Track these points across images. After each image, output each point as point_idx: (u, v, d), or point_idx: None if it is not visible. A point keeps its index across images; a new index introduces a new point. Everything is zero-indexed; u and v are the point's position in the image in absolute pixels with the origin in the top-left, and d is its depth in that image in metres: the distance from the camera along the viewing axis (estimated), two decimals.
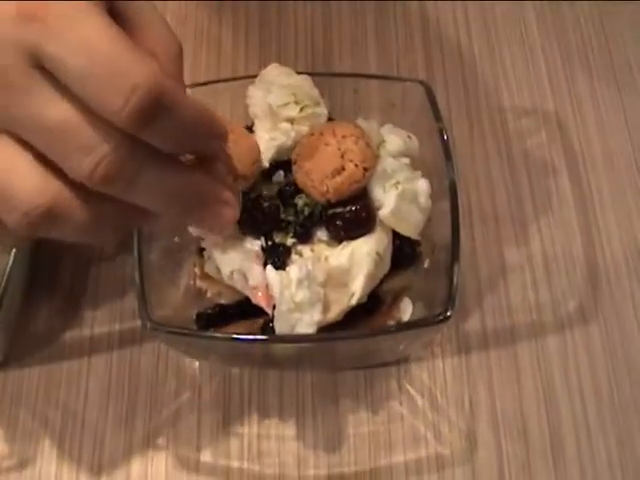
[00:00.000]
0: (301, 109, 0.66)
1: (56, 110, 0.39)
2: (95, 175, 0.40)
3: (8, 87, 0.39)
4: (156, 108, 0.39)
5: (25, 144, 0.41)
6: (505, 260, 0.80)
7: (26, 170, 0.41)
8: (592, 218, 0.82)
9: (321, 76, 0.75)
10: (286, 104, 0.66)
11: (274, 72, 0.69)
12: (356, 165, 0.62)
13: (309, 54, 0.93)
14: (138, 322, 0.66)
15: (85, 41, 0.38)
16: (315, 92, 0.68)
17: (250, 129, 0.68)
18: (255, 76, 0.70)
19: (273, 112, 0.66)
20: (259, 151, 0.64)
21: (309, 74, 0.76)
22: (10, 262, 0.66)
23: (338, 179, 0.62)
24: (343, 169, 0.62)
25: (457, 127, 0.86)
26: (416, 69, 0.91)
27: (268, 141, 0.66)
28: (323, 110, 0.68)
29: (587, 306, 0.78)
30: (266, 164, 0.66)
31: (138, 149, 0.41)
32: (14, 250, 0.66)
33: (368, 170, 0.63)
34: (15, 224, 0.41)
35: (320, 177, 0.62)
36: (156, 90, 0.39)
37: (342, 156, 0.62)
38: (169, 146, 0.43)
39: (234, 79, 0.74)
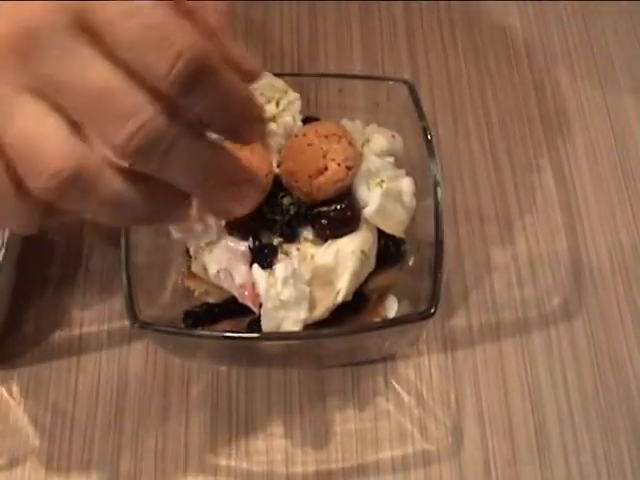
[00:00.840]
0: (277, 104, 0.67)
1: (99, 73, 0.39)
2: (132, 143, 0.39)
3: (52, 48, 0.38)
4: (201, 74, 0.39)
5: (60, 110, 0.39)
6: (490, 257, 0.81)
7: (57, 134, 0.40)
8: (576, 215, 0.83)
9: (306, 77, 0.76)
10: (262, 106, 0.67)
11: None
12: (338, 164, 0.63)
13: (295, 54, 0.94)
14: (127, 322, 0.67)
15: (134, 5, 0.38)
16: (278, 82, 0.69)
17: None
18: None
19: None
20: (271, 162, 0.65)
21: (294, 75, 0.78)
22: None
23: (321, 179, 0.63)
24: (326, 169, 0.63)
25: (442, 126, 0.87)
26: (401, 68, 0.92)
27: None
28: (294, 95, 0.69)
29: (571, 303, 0.78)
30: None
31: (177, 118, 0.40)
32: (3, 250, 0.67)
33: (351, 169, 0.64)
34: (41, 188, 0.40)
35: (304, 177, 0.63)
36: (202, 56, 0.38)
37: (324, 156, 0.64)
38: (210, 116, 0.42)
39: None
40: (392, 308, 0.70)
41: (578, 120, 0.89)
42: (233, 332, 0.65)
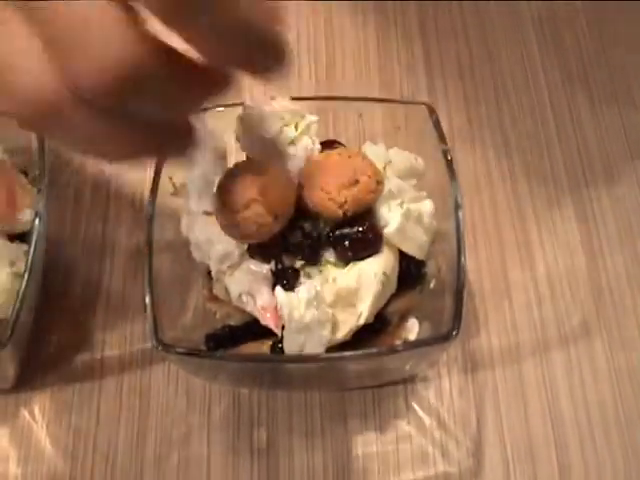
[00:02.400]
0: (295, 127, 0.67)
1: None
2: (117, 66, 0.33)
3: None
4: None
5: (39, 31, 0.34)
6: (509, 279, 0.81)
7: (32, 57, 0.34)
8: (594, 235, 0.83)
9: (325, 100, 0.77)
10: (281, 130, 0.67)
11: (251, 109, 0.68)
12: (369, 176, 0.64)
13: (312, 78, 0.95)
14: (148, 344, 0.67)
15: None
16: (295, 106, 0.69)
17: None
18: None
19: (273, 144, 0.67)
20: (294, 186, 0.65)
21: (312, 99, 0.78)
22: (23, 286, 0.67)
23: (355, 189, 0.63)
24: (357, 181, 0.63)
25: (460, 150, 0.87)
26: (419, 91, 0.93)
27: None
28: (311, 117, 0.69)
29: (591, 322, 0.79)
30: None
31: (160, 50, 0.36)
32: (27, 274, 0.67)
33: (380, 183, 0.64)
34: (16, 111, 0.36)
35: (337, 188, 0.63)
36: None
37: (354, 170, 0.64)
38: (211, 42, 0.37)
39: (236, 104, 0.74)
40: (413, 330, 0.69)
41: (596, 142, 0.89)
42: (255, 355, 0.66)
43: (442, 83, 0.93)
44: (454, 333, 0.61)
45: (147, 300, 0.63)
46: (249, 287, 0.66)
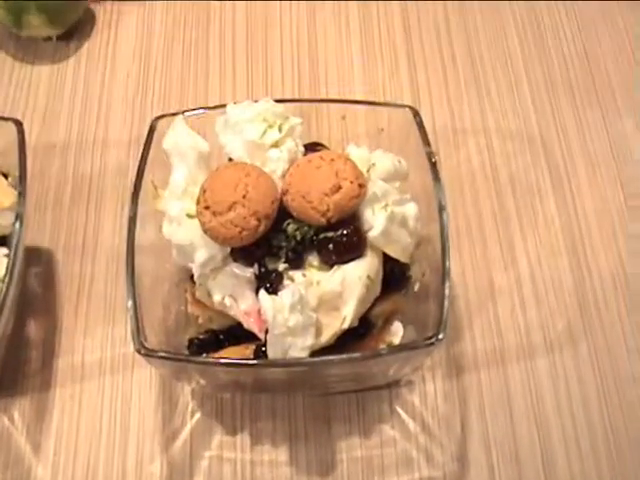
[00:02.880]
0: (279, 129, 0.67)
1: None
2: None
3: None
4: None
5: None
6: (494, 282, 0.80)
7: None
8: (578, 238, 0.83)
9: (309, 102, 0.76)
10: (264, 132, 0.67)
11: (234, 113, 0.69)
12: (351, 182, 0.63)
13: (295, 80, 0.94)
14: (129, 348, 0.66)
15: None
16: (278, 108, 0.69)
17: None
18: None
19: (257, 146, 0.67)
20: (277, 189, 0.64)
21: (296, 101, 0.77)
22: (3, 290, 0.66)
23: (337, 196, 0.63)
24: (340, 187, 0.63)
25: (443, 150, 0.87)
26: (402, 93, 0.93)
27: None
28: (295, 119, 0.69)
29: (575, 326, 0.78)
30: None
31: None
32: (7, 278, 0.66)
33: (362, 187, 0.64)
34: None
35: (319, 196, 0.62)
36: None
37: (336, 175, 0.63)
38: None
39: (219, 107, 0.74)
40: (397, 334, 0.69)
41: (579, 143, 0.89)
42: (238, 359, 0.65)
43: (426, 85, 0.93)
44: (439, 337, 0.61)
45: (129, 303, 0.63)
46: (232, 291, 0.65)
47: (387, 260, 0.67)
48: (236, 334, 0.68)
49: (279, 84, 0.94)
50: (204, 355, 0.69)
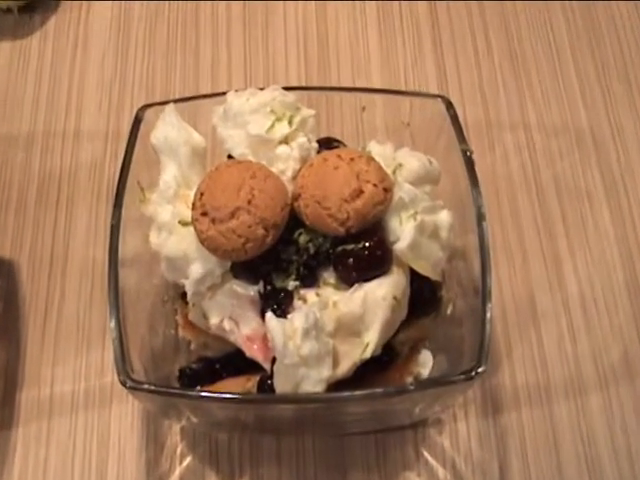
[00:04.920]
0: (289, 121, 0.66)
1: None
2: None
3: None
4: None
5: None
6: (537, 303, 0.80)
7: None
8: (636, 253, 0.82)
9: (323, 91, 0.75)
10: (272, 125, 0.66)
11: (235, 102, 0.68)
12: (375, 185, 0.62)
13: (302, 67, 0.94)
14: (106, 379, 0.67)
15: None
16: (288, 97, 0.68)
17: None
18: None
19: (263, 142, 0.66)
20: (287, 193, 0.63)
21: (308, 89, 0.77)
22: None
23: (359, 202, 0.62)
24: (362, 191, 0.62)
25: (476, 148, 0.85)
26: (426, 82, 0.92)
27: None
28: (307, 111, 0.68)
29: (634, 356, 0.77)
30: None
31: None
32: None
33: (388, 191, 0.63)
34: None
35: (337, 202, 0.62)
36: None
37: (357, 177, 0.62)
38: None
39: (216, 95, 0.73)
40: (426, 365, 0.69)
41: (637, 141, 0.88)
42: (239, 394, 0.64)
43: (455, 73, 0.92)
44: (478, 370, 0.60)
45: (112, 325, 0.62)
46: (232, 312, 0.65)
47: (415, 278, 0.66)
48: (236, 363, 0.67)
49: (282, 71, 0.94)
50: (197, 388, 0.68)
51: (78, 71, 0.94)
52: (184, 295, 0.67)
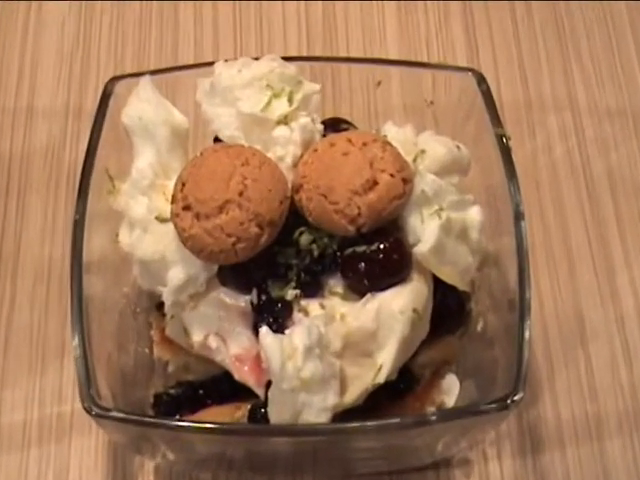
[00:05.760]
0: (289, 99, 0.67)
1: None
2: None
3: None
4: None
5: None
6: (585, 321, 0.80)
7: None
8: None
9: (329, 62, 0.76)
10: (268, 102, 0.67)
11: (225, 74, 0.68)
12: (392, 175, 0.62)
13: (303, 35, 0.94)
14: (66, 406, 0.68)
15: None
16: (289, 69, 0.68)
17: None
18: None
19: (258, 122, 0.66)
20: (286, 183, 0.64)
21: (312, 60, 0.77)
22: None
23: (372, 195, 0.62)
24: (376, 182, 0.62)
25: (513, 133, 0.85)
26: (453, 54, 0.92)
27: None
28: (311, 85, 0.69)
29: None
30: None
31: None
32: None
33: (407, 183, 0.63)
34: None
35: (346, 196, 0.62)
36: None
37: (371, 165, 0.63)
38: None
39: (201, 65, 0.74)
40: (451, 392, 0.69)
41: None
42: (226, 424, 0.64)
43: (488, 45, 0.93)
44: (514, 399, 0.60)
45: (75, 341, 0.62)
46: (219, 327, 0.65)
47: (439, 287, 0.67)
48: (223, 389, 0.68)
49: (279, 38, 0.95)
50: (176, 417, 0.68)
51: (32, 37, 0.94)
52: (161, 306, 0.68)
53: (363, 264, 0.63)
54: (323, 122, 0.70)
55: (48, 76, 0.92)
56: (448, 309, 0.68)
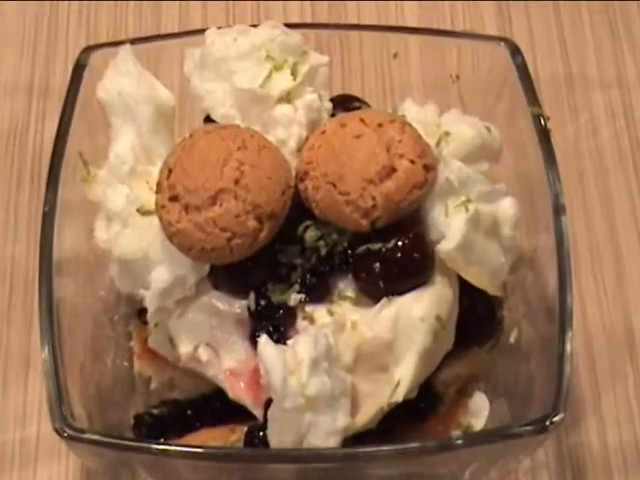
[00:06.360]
0: (292, 71, 0.67)
1: None
2: None
3: None
4: None
5: None
6: (635, 332, 0.81)
7: None
8: None
9: (339, 30, 0.76)
10: (268, 76, 0.67)
11: (218, 43, 0.69)
12: (411, 161, 0.63)
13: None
14: (30, 428, 0.71)
15: None
16: (293, 38, 0.69)
17: None
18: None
19: (257, 99, 0.67)
20: (289, 170, 0.64)
21: (318, 27, 0.77)
22: None
23: (389, 184, 0.62)
24: (393, 169, 0.62)
25: (552, 113, 0.85)
26: (482, 23, 0.93)
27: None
28: (318, 57, 0.69)
29: None
30: None
31: None
32: None
33: (430, 170, 0.64)
34: None
35: (359, 185, 0.62)
36: None
37: (387, 149, 0.63)
38: None
39: (189, 33, 0.74)
40: (480, 413, 0.69)
41: None
42: (218, 449, 0.65)
43: (523, 12, 0.93)
44: (554, 420, 0.60)
45: (45, 354, 0.62)
46: (211, 337, 0.66)
47: (466, 291, 0.67)
48: (214, 409, 0.69)
49: (278, 4, 0.95)
50: (160, 440, 0.68)
51: None
52: (142, 313, 0.68)
53: (378, 264, 0.64)
54: (332, 100, 0.70)
55: (8, 46, 0.93)
56: (476, 317, 0.69)
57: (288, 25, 0.70)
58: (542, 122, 0.69)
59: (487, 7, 0.92)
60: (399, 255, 0.63)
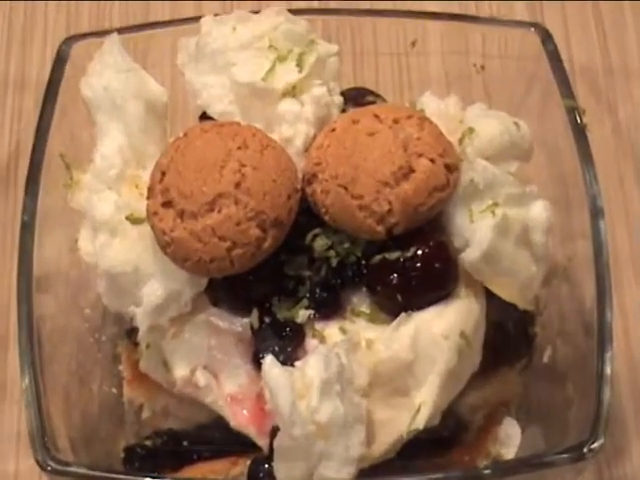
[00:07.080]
0: (299, 63, 0.67)
1: None
2: None
3: None
4: None
5: None
6: None
7: None
8: None
9: (351, 15, 0.76)
10: (272, 69, 0.67)
11: (215, 32, 0.69)
12: (432, 160, 0.63)
13: None
14: (7, 463, 0.71)
15: None
16: (299, 26, 0.69)
17: None
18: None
19: (259, 93, 0.67)
20: (295, 173, 0.65)
21: (321, 12, 0.77)
22: None
23: (407, 186, 0.62)
24: (412, 170, 0.63)
25: (589, 108, 0.85)
26: (510, 8, 0.93)
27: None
28: (327, 47, 0.69)
29: None
30: None
31: None
32: None
33: (452, 170, 0.64)
34: None
35: (373, 188, 0.62)
36: None
37: (405, 148, 0.63)
38: None
39: (182, 21, 0.75)
40: (511, 441, 0.69)
41: None
42: None
43: None
44: (592, 447, 0.61)
45: (26, 381, 0.63)
46: (209, 359, 0.66)
47: (494, 306, 0.67)
48: (214, 439, 0.69)
49: None
50: (154, 475, 0.67)
51: None
52: (132, 332, 0.69)
53: (395, 276, 0.64)
54: (342, 93, 0.70)
55: None
56: (505, 334, 0.69)
57: (293, 11, 0.71)
58: (577, 117, 0.69)
59: None
60: (419, 265, 0.64)
